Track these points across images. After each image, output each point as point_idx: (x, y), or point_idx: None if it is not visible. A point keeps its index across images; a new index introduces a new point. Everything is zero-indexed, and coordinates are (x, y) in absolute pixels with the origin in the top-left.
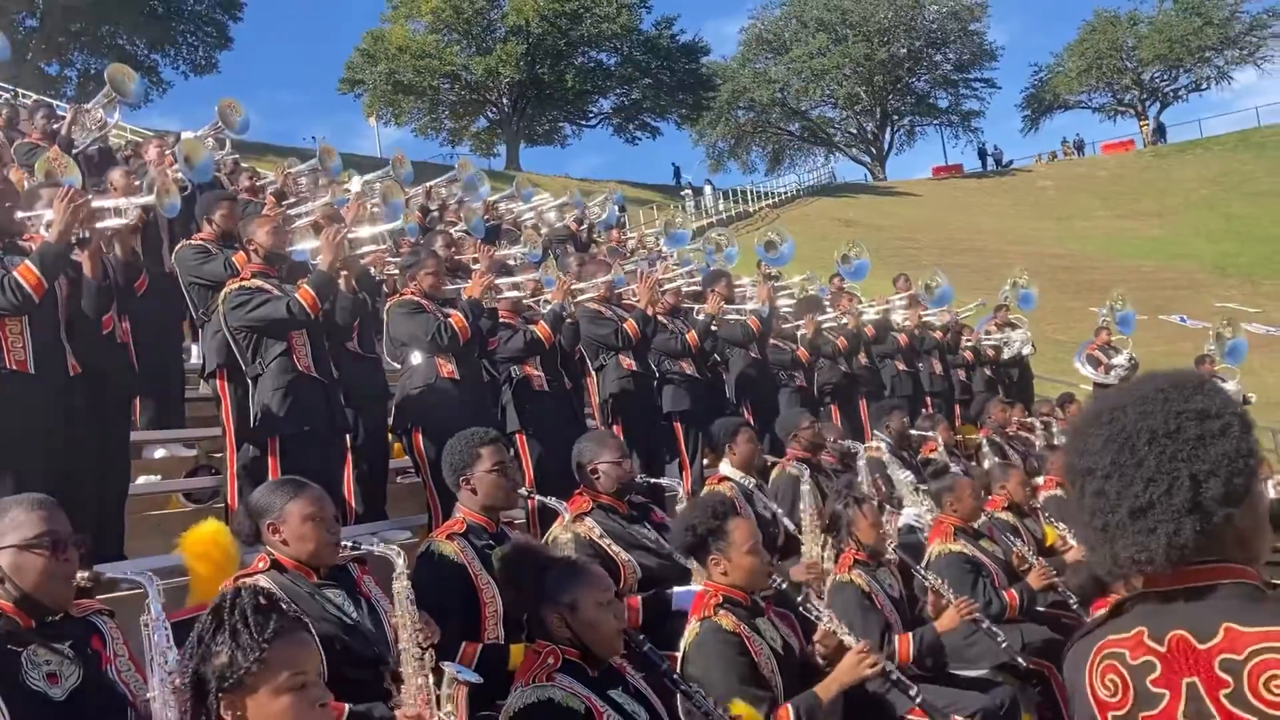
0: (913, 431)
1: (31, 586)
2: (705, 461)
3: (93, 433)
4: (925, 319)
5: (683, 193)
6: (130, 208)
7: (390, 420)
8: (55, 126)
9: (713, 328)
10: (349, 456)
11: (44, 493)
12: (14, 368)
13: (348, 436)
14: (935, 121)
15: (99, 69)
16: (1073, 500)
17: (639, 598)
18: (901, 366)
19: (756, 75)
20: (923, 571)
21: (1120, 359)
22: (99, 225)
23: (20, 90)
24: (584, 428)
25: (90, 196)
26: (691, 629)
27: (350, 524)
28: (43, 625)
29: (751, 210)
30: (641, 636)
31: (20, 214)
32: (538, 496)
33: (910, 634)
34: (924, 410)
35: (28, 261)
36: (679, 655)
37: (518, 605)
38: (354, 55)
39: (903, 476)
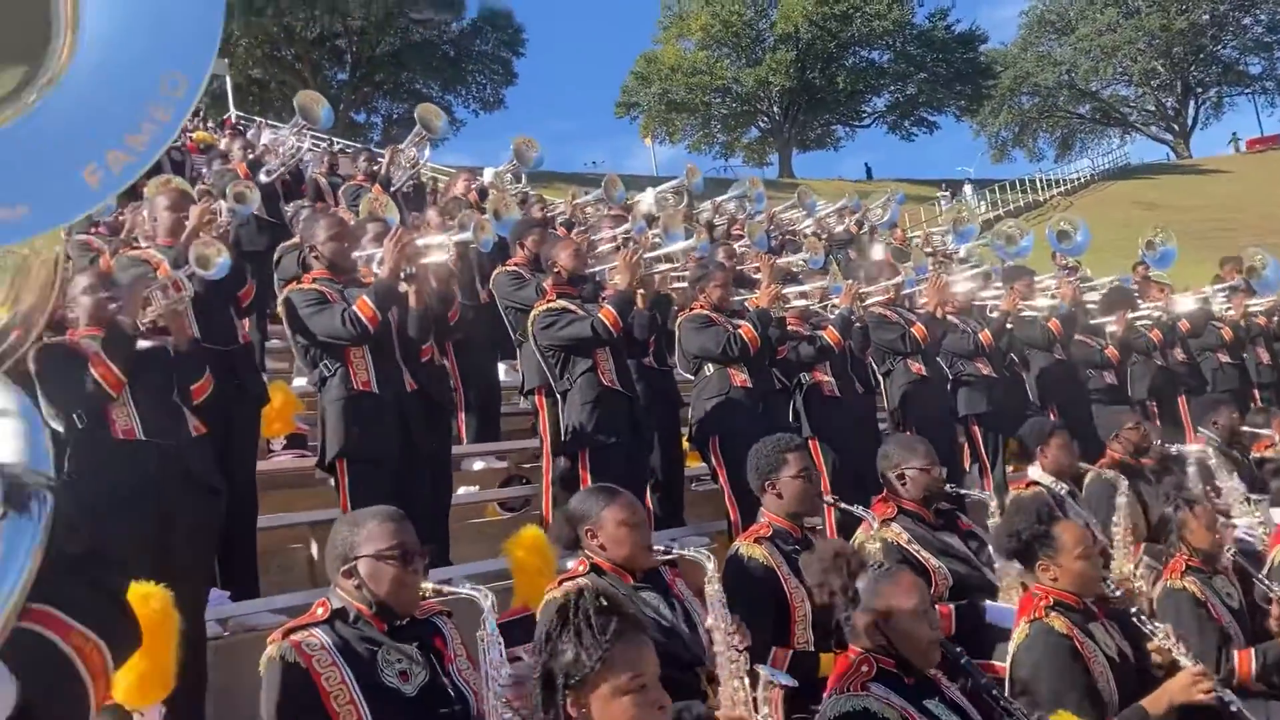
0: (1244, 428)
1: (385, 593)
2: (1009, 468)
3: (425, 446)
4: (1250, 306)
5: (940, 194)
6: (450, 244)
7: (686, 430)
8: (375, 168)
9: (1008, 326)
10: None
11: (387, 503)
12: (360, 388)
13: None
14: (1247, 90)
15: (400, 114)
16: None
17: (951, 606)
18: (1224, 359)
19: (1040, 58)
20: (1265, 580)
21: None
22: (423, 261)
23: (334, 139)
24: (878, 433)
25: (416, 236)
26: (1021, 630)
27: (650, 529)
28: (392, 628)
29: (1042, 199)
30: (959, 648)
31: (355, 253)
32: (842, 503)
33: (1253, 649)
34: (1253, 404)
35: (364, 296)
36: (1007, 660)
37: (827, 611)
38: (628, 79)
39: (1232, 485)
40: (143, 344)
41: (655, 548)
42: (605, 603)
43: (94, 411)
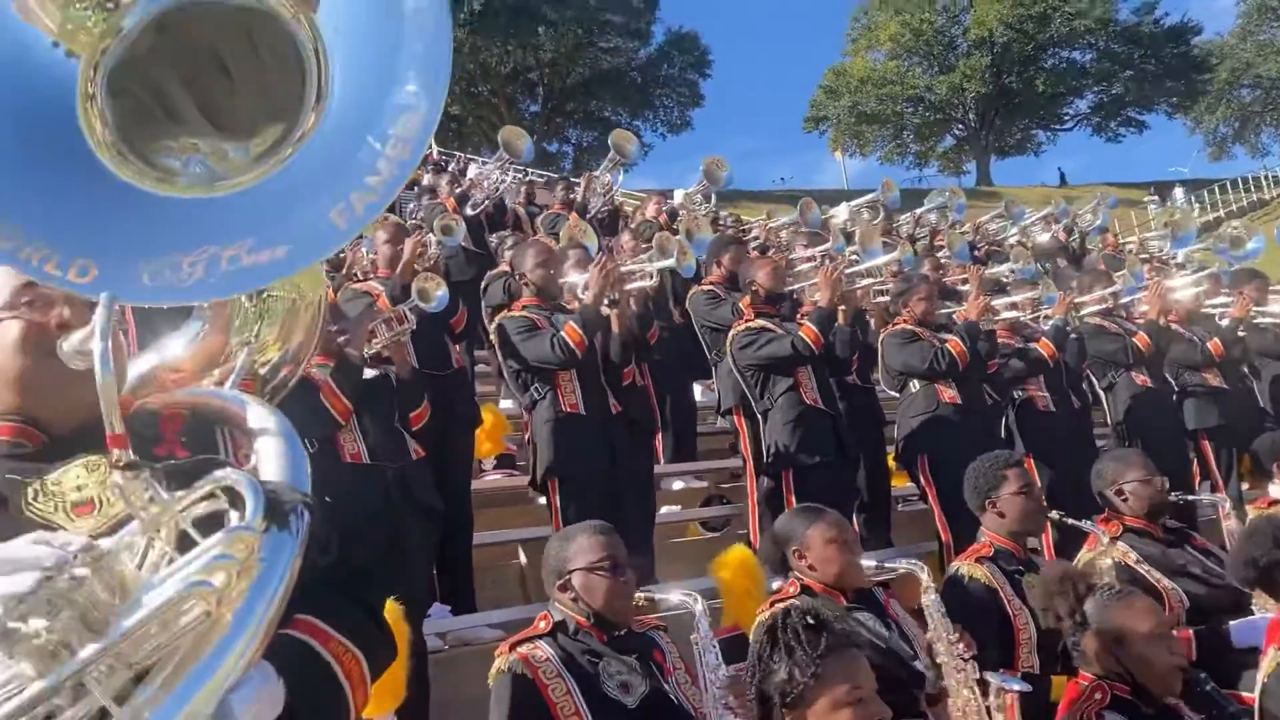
0: None
1: (600, 604)
2: (1245, 485)
3: (630, 466)
4: None
5: (1147, 198)
6: (653, 272)
7: (891, 449)
8: (571, 196)
9: (1240, 334)
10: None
11: (595, 519)
12: (569, 410)
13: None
14: None
15: (589, 142)
16: None
17: (1190, 630)
18: None
19: (1261, 47)
20: None
21: None
22: (626, 287)
23: (530, 169)
24: (1095, 450)
25: (620, 263)
26: (1271, 659)
27: (858, 548)
28: (612, 640)
29: (1268, 198)
30: (1203, 675)
31: (560, 280)
32: (1069, 519)
33: None
34: None
35: (571, 322)
36: (1256, 692)
37: (1053, 634)
38: (817, 93)
39: None
40: (368, 373)
41: (866, 564)
42: (814, 619)
43: (324, 437)
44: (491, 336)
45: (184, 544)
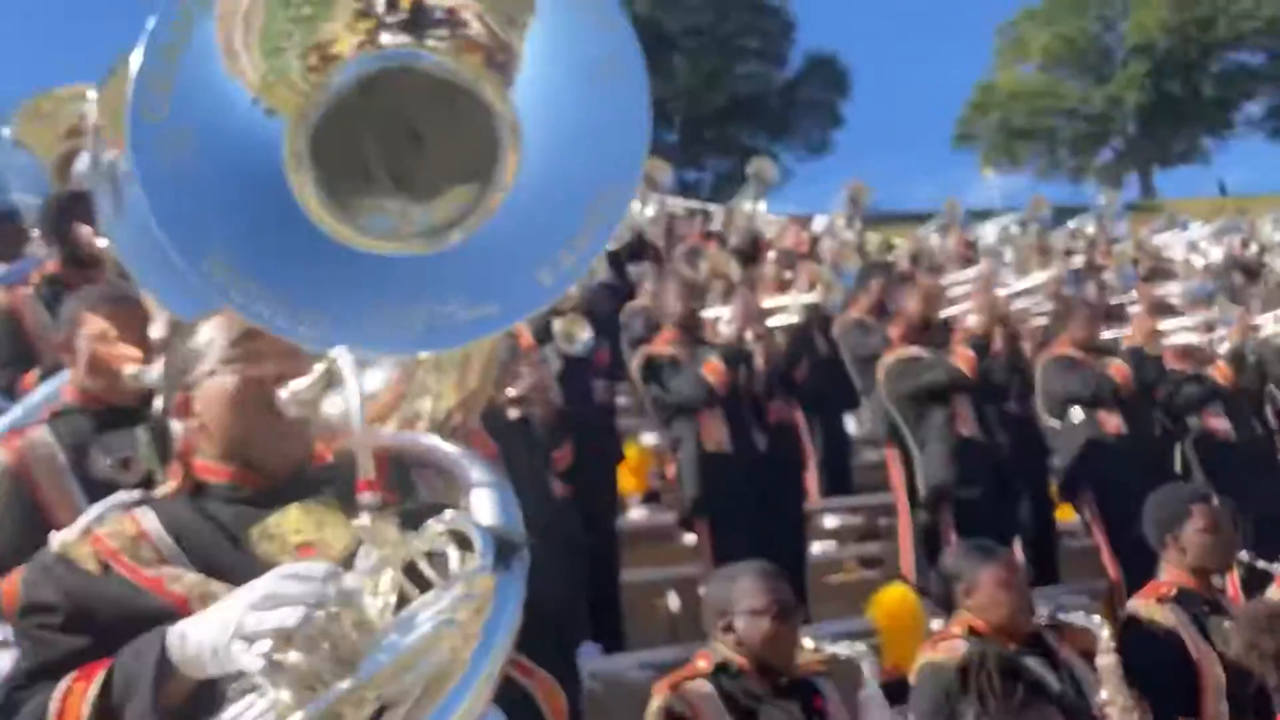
0: None
1: (763, 649)
2: None
3: (776, 503)
4: None
5: None
6: (798, 306)
7: (1054, 481)
8: (711, 227)
9: None
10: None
11: (744, 558)
12: (714, 447)
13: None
14: None
15: (727, 169)
16: None
17: None
18: None
19: None
20: None
21: None
22: (770, 322)
23: (669, 199)
24: None
25: (763, 297)
26: None
27: (1028, 589)
28: (774, 685)
29: None
30: None
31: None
32: (1260, 561)
33: None
34: None
35: (714, 358)
36: None
37: (1243, 679)
38: (964, 110)
39: None
40: (512, 414)
41: (1040, 614)
42: (1010, 668)
43: None
44: (634, 372)
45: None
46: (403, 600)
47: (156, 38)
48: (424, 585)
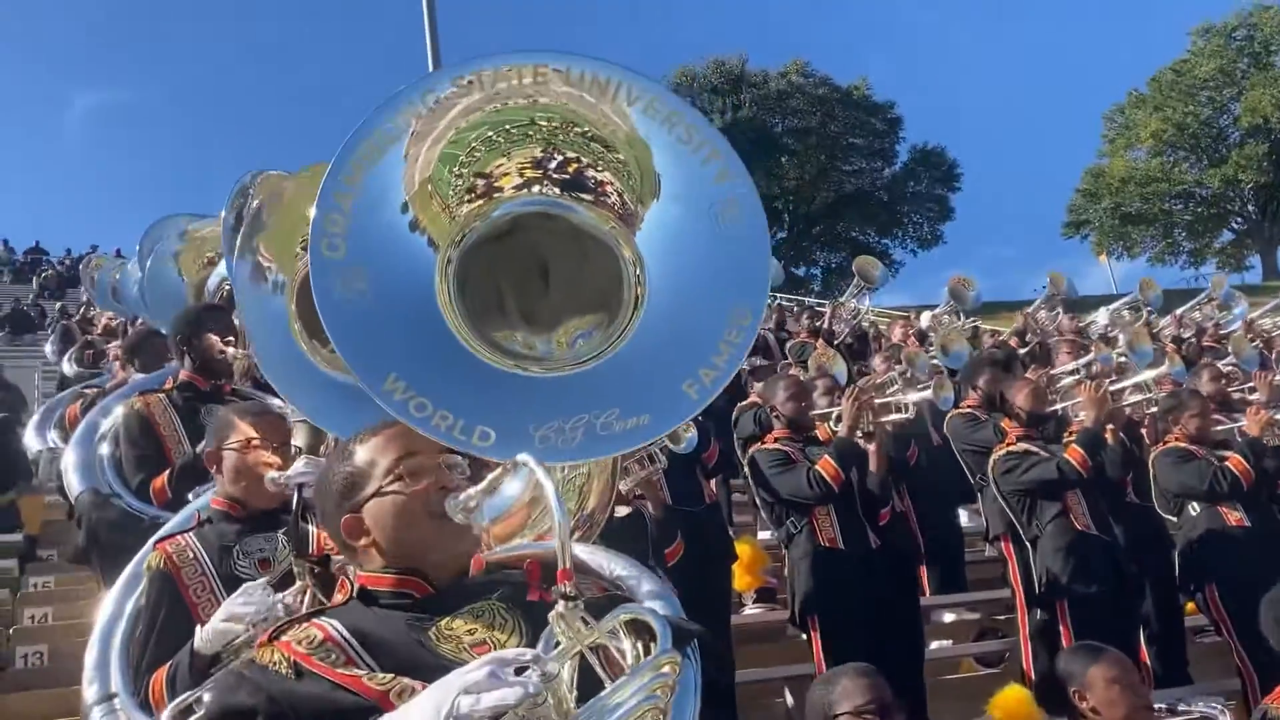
0: None
1: None
2: None
3: (891, 601)
4: None
5: None
6: (909, 404)
7: (1177, 574)
8: (817, 324)
9: None
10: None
11: (859, 657)
12: (827, 545)
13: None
14: None
15: (837, 264)
16: None
17: None
18: None
19: None
20: None
21: None
22: (883, 419)
23: (779, 294)
24: None
25: (875, 395)
26: None
27: (1151, 688)
28: None
29: None
30: None
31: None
32: None
33: None
34: None
35: (827, 455)
36: None
37: None
38: (1074, 197)
39: None
40: (620, 511)
41: (1156, 707)
42: None
43: None
44: (745, 469)
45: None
46: (585, 686)
47: (334, 183)
48: (605, 672)
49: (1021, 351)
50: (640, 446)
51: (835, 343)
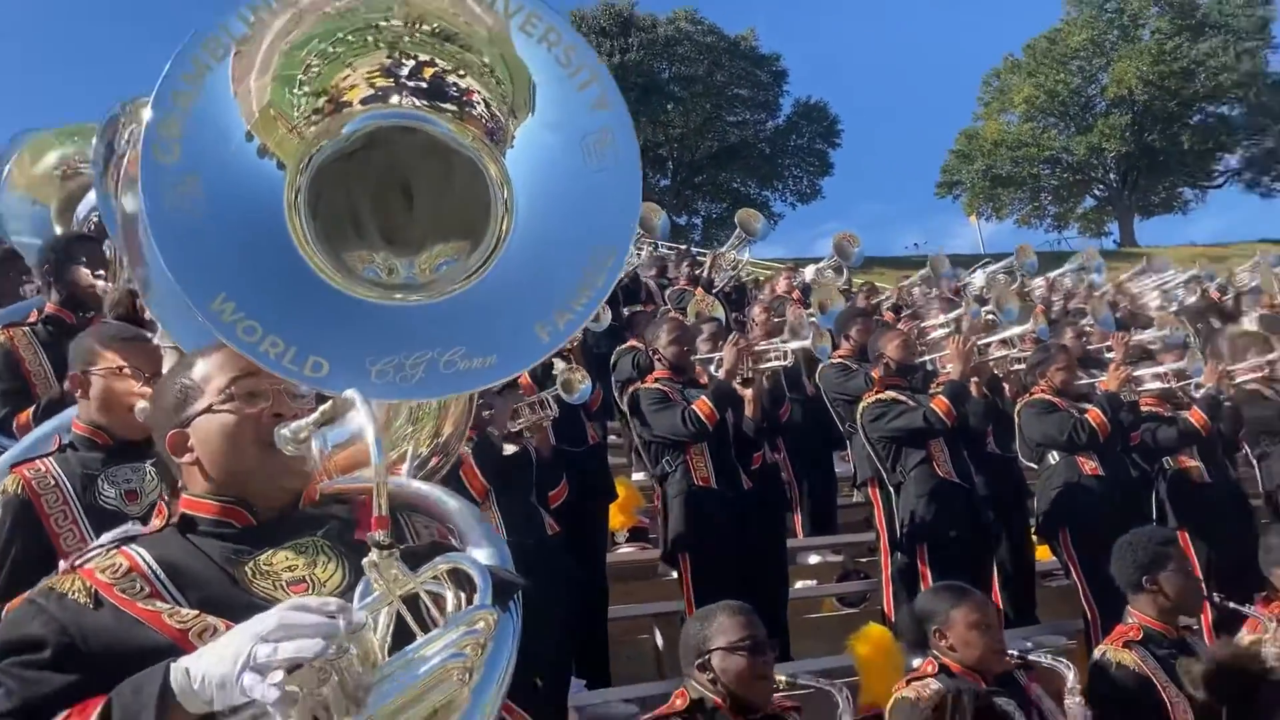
0: None
1: (738, 685)
2: None
3: (759, 541)
4: None
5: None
6: (788, 353)
7: (1033, 521)
8: (697, 272)
9: None
10: (994, 560)
11: (727, 596)
12: (700, 484)
13: (991, 540)
14: None
15: (719, 213)
16: None
17: None
18: None
19: None
20: None
21: None
22: (761, 366)
23: (660, 242)
24: (1255, 524)
25: (755, 342)
26: None
27: (1000, 629)
28: None
29: None
30: None
31: (693, 356)
32: (1231, 603)
33: None
34: None
35: (704, 396)
36: None
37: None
38: (949, 158)
39: None
40: (509, 449)
41: (1010, 651)
42: (980, 706)
43: None
44: (624, 407)
45: (408, 622)
46: (399, 635)
47: (170, 83)
48: (422, 622)
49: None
50: (481, 389)
51: (714, 291)
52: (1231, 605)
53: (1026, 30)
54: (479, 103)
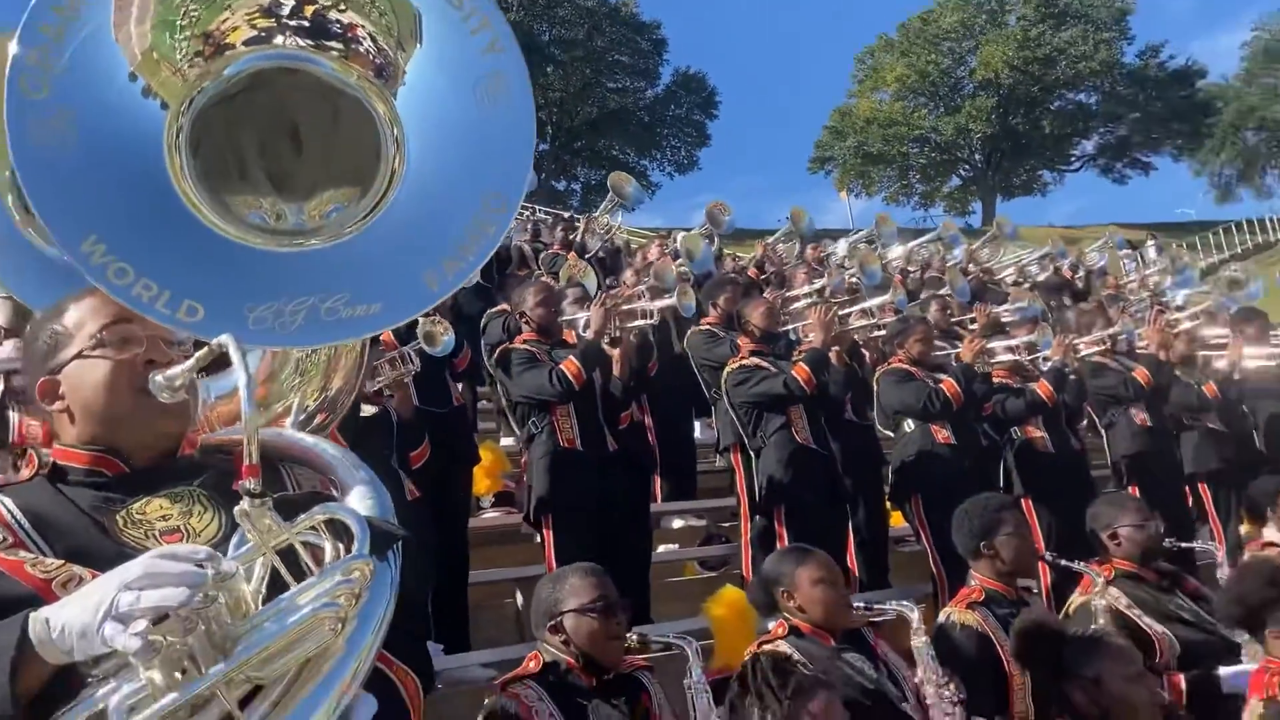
0: None
1: (590, 646)
2: (1243, 528)
3: (624, 505)
4: None
5: (1123, 253)
6: (654, 310)
7: (888, 488)
8: (571, 237)
9: (1235, 376)
10: (850, 525)
11: (589, 557)
12: (565, 445)
13: (848, 505)
14: None
15: (598, 180)
16: None
17: (1182, 676)
18: None
19: (1266, 91)
20: None
21: None
22: (629, 325)
23: (537, 206)
24: (1095, 491)
25: (621, 300)
26: (1252, 711)
27: (854, 592)
28: (601, 683)
29: (1274, 240)
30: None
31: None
32: (1062, 560)
33: None
34: None
35: (571, 356)
36: None
37: (1035, 681)
38: (822, 134)
39: None
40: (367, 410)
41: (855, 606)
42: (783, 665)
43: None
44: (492, 369)
45: (287, 570)
46: (275, 586)
47: (39, 15)
48: (298, 573)
49: (760, 278)
50: (365, 336)
51: (587, 256)
52: (1064, 563)
53: (903, 10)
54: (364, 38)
